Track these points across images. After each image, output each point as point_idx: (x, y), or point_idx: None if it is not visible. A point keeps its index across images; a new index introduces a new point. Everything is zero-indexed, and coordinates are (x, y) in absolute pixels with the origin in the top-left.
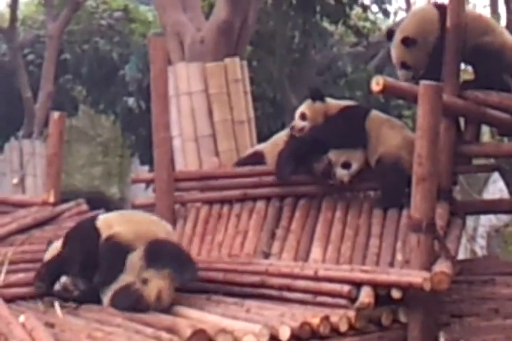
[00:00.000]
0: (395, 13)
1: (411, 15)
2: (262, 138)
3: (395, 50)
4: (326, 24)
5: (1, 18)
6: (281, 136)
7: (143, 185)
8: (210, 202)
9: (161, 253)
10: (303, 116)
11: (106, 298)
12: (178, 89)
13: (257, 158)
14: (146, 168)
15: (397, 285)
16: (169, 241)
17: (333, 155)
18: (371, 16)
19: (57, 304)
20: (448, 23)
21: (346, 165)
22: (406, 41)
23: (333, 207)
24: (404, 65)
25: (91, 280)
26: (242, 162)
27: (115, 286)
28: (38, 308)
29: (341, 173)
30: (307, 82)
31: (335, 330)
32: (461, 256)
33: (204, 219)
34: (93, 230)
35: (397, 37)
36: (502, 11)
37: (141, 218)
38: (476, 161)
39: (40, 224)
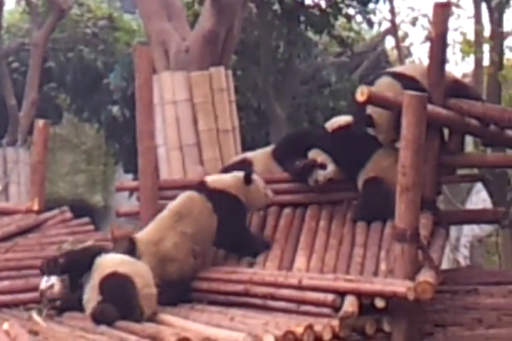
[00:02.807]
0: (379, 24)
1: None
2: (246, 147)
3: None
4: (310, 34)
5: None
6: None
7: (127, 194)
8: None
9: (110, 288)
10: None
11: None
12: (163, 98)
13: (245, 166)
14: (130, 176)
15: (381, 295)
16: (123, 278)
17: (312, 154)
18: (355, 26)
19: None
20: (432, 33)
21: (322, 166)
22: None
23: (317, 216)
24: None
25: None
26: (229, 169)
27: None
28: (22, 316)
29: (317, 173)
30: (291, 92)
31: (318, 339)
32: (444, 265)
33: None
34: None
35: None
36: (486, 21)
37: None
38: (459, 171)
39: (24, 232)
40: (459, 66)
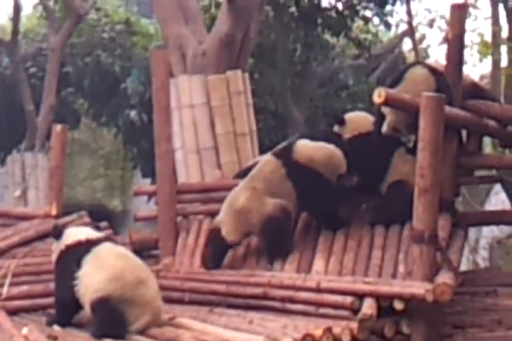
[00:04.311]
0: (397, 26)
1: (410, 82)
2: (263, 150)
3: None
4: (327, 36)
5: (3, 31)
6: None
7: (145, 198)
8: (212, 214)
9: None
10: None
11: None
12: (180, 101)
13: None
14: (148, 180)
15: (400, 297)
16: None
17: None
18: (372, 28)
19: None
20: (449, 34)
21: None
22: None
23: None
24: None
25: None
26: (244, 172)
27: None
28: (41, 321)
29: None
30: (309, 94)
31: None
32: (463, 267)
33: (206, 231)
34: None
35: None
36: (503, 23)
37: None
38: (478, 173)
39: (42, 237)
40: (476, 67)
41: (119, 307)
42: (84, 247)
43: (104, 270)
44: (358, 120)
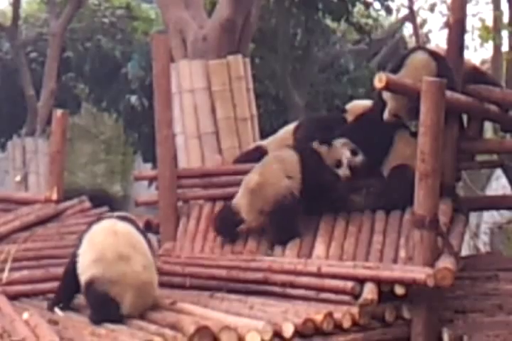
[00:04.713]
0: (398, 10)
1: (411, 68)
2: (264, 135)
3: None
4: (328, 21)
5: (3, 16)
6: (286, 131)
7: (146, 183)
8: (212, 199)
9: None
10: None
11: None
12: (181, 86)
13: (259, 153)
14: (149, 165)
15: (401, 282)
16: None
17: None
18: (373, 13)
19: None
20: (451, 19)
21: (354, 153)
22: None
23: None
24: None
25: None
26: (243, 156)
27: None
28: (41, 305)
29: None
30: (310, 79)
31: (338, 327)
32: (464, 252)
33: (207, 216)
34: None
35: None
36: (504, 7)
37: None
38: (479, 157)
39: (43, 222)
40: (477, 52)
41: (104, 289)
42: (90, 225)
43: (92, 249)
44: (358, 106)
